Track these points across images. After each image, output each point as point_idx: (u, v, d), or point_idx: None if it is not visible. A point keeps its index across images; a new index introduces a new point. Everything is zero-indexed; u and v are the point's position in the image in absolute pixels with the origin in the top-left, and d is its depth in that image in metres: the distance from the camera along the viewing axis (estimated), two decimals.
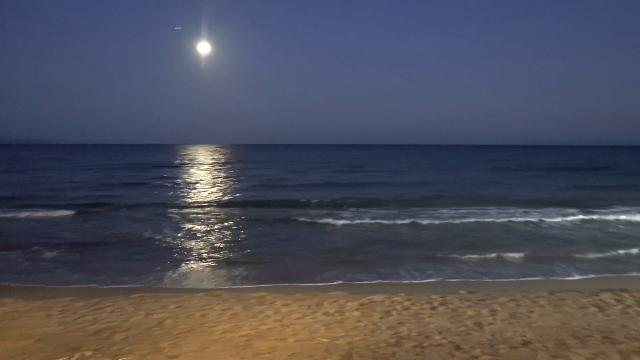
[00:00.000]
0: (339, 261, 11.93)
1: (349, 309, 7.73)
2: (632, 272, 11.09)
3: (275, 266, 11.53)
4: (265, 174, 41.27)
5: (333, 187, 29.72)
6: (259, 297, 8.57)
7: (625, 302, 8.13)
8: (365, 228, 16.21)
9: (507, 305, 7.91)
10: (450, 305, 7.96)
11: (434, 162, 65.39)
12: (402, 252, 12.75)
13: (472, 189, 28.74)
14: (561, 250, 13.10)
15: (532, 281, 10.34)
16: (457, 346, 5.93)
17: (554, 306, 7.86)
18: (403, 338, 6.25)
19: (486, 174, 42.54)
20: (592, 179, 37.47)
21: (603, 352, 5.70)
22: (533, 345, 5.94)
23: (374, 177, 37.29)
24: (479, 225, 16.72)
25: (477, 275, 10.81)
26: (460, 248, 13.21)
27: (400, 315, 7.38)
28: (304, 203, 22.01)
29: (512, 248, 13.24)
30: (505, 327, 6.77)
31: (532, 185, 32.03)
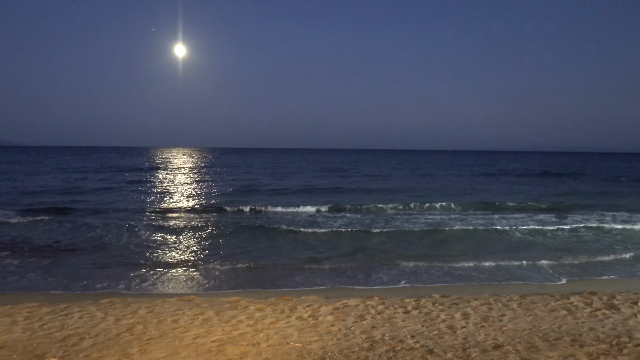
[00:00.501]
0: (314, 266, 11.90)
1: (322, 313, 7.70)
2: (601, 276, 11.32)
3: (249, 271, 11.43)
4: (241, 178, 40.98)
5: (311, 192, 29.62)
6: (232, 301, 8.47)
7: (594, 305, 8.28)
8: (342, 234, 16.20)
9: (479, 309, 7.98)
10: (423, 309, 8.00)
11: (413, 167, 65.79)
12: (377, 257, 12.78)
13: (451, 194, 28.99)
14: (533, 255, 13.29)
15: (505, 285, 10.46)
16: (430, 350, 5.94)
17: (525, 309, 7.95)
18: (376, 342, 6.24)
19: (464, 180, 43.01)
20: (566, 185, 38.24)
21: (572, 354, 5.79)
22: (504, 349, 5.99)
23: (353, 182, 37.28)
24: (459, 231, 16.88)
25: (451, 279, 10.91)
26: (437, 253, 13.32)
27: (374, 319, 7.38)
28: (281, 208, 21.92)
29: (487, 253, 13.41)
30: (477, 330, 6.83)
31: (511, 190, 32.51)
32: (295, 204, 22.67)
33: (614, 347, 6.05)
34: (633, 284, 10.43)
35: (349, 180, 40.40)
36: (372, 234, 16.02)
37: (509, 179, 44.93)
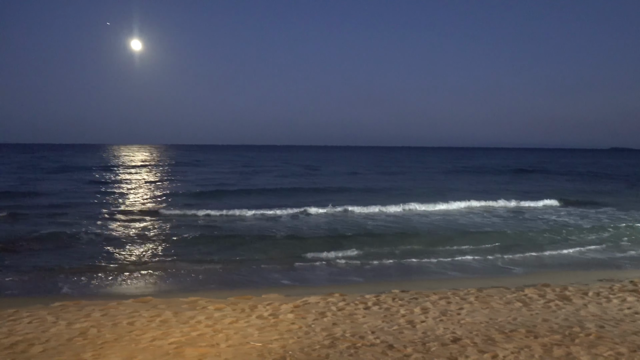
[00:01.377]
0: (274, 264, 11.81)
1: (283, 311, 7.64)
2: (554, 268, 11.70)
3: (209, 271, 11.22)
4: (205, 177, 40.30)
5: (278, 192, 29.24)
6: (190, 302, 8.30)
7: (547, 296, 8.53)
8: (304, 232, 16.15)
9: (438, 303, 8.10)
10: (383, 304, 8.05)
11: (386, 164, 66.39)
12: (338, 255, 12.76)
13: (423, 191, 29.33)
14: (488, 248, 13.61)
15: (463, 279, 10.67)
16: (390, 345, 5.98)
17: (482, 302, 8.12)
18: (337, 339, 6.23)
19: (434, 176, 43.64)
20: (524, 181, 39.38)
21: (527, 345, 5.93)
22: (462, 342, 6.09)
23: (323, 182, 37.01)
24: (421, 226, 17.11)
25: (411, 274, 11.05)
26: (399, 249, 13.46)
27: (334, 316, 7.37)
28: (243, 207, 21.67)
29: (447, 247, 13.64)
30: (436, 324, 6.91)
31: (482, 187, 33.21)
32: (262, 205, 22.34)
33: (567, 337, 6.23)
34: (584, 275, 10.81)
35: (322, 179, 40.05)
36: (334, 232, 16.03)
37: (472, 176, 45.91)
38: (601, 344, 5.95)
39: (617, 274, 10.76)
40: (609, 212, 21.11)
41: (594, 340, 6.10)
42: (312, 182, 34.82)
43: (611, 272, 11.16)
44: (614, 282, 9.76)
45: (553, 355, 5.59)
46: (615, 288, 9.11)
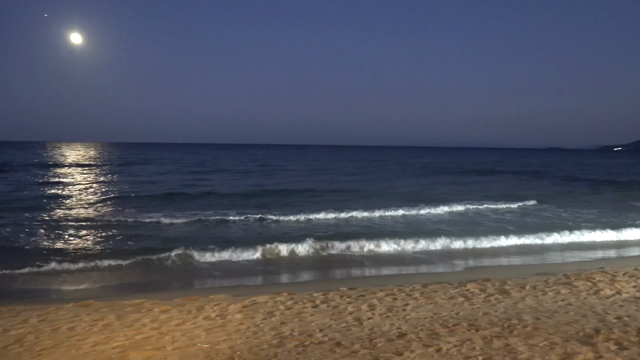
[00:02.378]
0: (222, 264, 11.67)
1: (231, 311, 7.58)
2: (493, 262, 12.18)
3: (153, 272, 10.97)
4: (140, 176, 39.23)
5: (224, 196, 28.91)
6: (135, 304, 8.09)
7: (487, 290, 8.87)
8: (249, 232, 16.04)
9: (384, 300, 8.25)
10: (331, 302, 8.13)
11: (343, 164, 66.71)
12: (284, 253, 12.77)
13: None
14: (432, 245, 14.00)
15: (408, 275, 10.93)
16: (338, 343, 6.05)
17: (427, 298, 8.34)
18: (285, 338, 6.25)
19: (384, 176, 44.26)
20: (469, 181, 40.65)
21: (469, 338, 6.15)
22: (408, 337, 6.24)
23: (277, 183, 36.77)
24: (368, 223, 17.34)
25: (359, 271, 11.21)
26: (346, 246, 13.61)
27: (283, 315, 7.38)
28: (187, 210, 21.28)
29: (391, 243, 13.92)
30: (382, 321, 7.05)
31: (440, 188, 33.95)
32: (201, 207, 21.99)
33: (506, 330, 6.51)
34: (522, 269, 11.30)
35: (270, 180, 39.80)
36: (275, 229, 16.03)
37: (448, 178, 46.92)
38: (537, 335, 6.24)
39: (552, 268, 11.32)
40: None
41: (530, 332, 6.40)
42: (271, 184, 34.48)
43: (547, 266, 11.73)
44: (549, 275, 10.25)
45: (493, 347, 5.82)
46: (550, 281, 9.58)
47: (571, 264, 12.05)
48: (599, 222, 18.16)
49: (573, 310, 7.46)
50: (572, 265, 11.84)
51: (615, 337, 6.15)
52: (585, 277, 9.79)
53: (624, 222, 18.12)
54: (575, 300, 8.07)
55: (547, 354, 5.55)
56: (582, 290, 8.74)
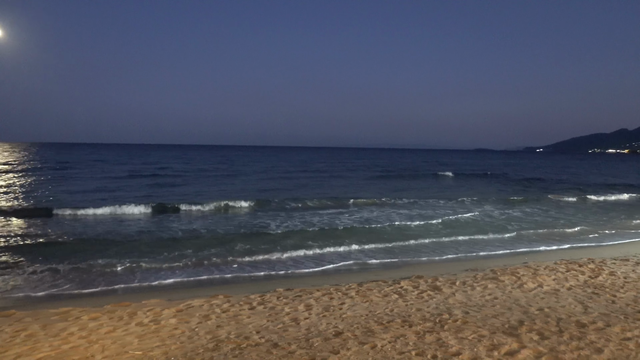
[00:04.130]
0: (153, 268, 11.34)
1: (165, 316, 7.39)
2: (423, 259, 12.57)
3: (80, 277, 10.49)
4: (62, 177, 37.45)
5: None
6: (61, 313, 7.70)
7: (420, 287, 9.15)
8: (177, 233, 15.70)
9: (321, 299, 8.33)
10: (268, 303, 8.11)
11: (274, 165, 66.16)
12: (214, 255, 12.57)
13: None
14: (364, 242, 14.27)
15: (345, 274, 11.07)
16: (275, 344, 6.05)
17: (362, 296, 8.50)
18: (222, 341, 6.17)
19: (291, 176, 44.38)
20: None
21: (403, 334, 6.33)
22: (344, 335, 6.34)
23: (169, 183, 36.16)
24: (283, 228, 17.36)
25: (292, 272, 11.23)
26: (271, 247, 13.60)
27: (219, 318, 7.28)
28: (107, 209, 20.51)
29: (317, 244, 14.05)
30: (319, 320, 7.12)
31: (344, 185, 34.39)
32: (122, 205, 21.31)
33: (437, 324, 6.75)
34: (453, 266, 11.73)
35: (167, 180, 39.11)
36: (201, 233, 15.80)
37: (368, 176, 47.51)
38: (466, 328, 6.52)
39: (480, 264, 11.83)
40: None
41: (460, 325, 6.68)
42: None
43: (475, 262, 12.25)
44: (477, 271, 10.72)
45: (425, 342, 6.03)
46: (478, 277, 10.01)
47: (498, 259, 12.64)
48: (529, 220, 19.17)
49: (499, 304, 7.85)
50: (499, 260, 12.43)
51: (537, 327, 6.54)
52: (510, 272, 10.31)
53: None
54: (501, 294, 8.49)
55: (475, 346, 5.81)
56: (507, 285, 9.20)
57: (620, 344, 5.87)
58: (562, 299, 8.14)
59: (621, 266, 10.81)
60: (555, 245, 14.71)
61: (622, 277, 9.73)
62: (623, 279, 9.51)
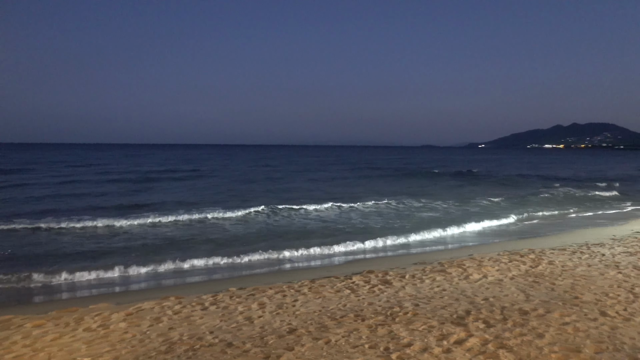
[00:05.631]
0: (100, 272, 10.99)
1: (114, 320, 7.20)
2: (375, 254, 12.81)
3: (22, 285, 10.03)
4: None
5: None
6: (2, 321, 7.36)
7: (371, 282, 9.32)
8: (122, 235, 15.31)
9: (274, 297, 8.35)
10: (221, 303, 8.05)
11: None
12: (163, 256, 12.35)
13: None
14: (307, 240, 14.38)
15: (297, 271, 11.14)
16: (229, 343, 6.03)
17: (315, 293, 8.58)
18: (174, 343, 6.09)
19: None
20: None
21: (356, 328, 6.45)
22: (298, 332, 6.39)
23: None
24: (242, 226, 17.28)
25: (246, 271, 11.20)
26: (223, 248, 13.50)
27: (170, 320, 7.17)
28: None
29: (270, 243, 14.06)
30: (273, 318, 7.14)
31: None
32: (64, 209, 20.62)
33: (389, 317, 6.92)
34: (402, 260, 12.01)
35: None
36: (150, 233, 15.49)
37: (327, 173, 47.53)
38: (417, 320, 6.72)
39: (428, 257, 12.18)
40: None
41: (411, 317, 6.87)
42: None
43: (424, 255, 12.59)
44: (426, 264, 11.02)
45: (377, 335, 6.17)
46: (427, 270, 10.30)
47: (445, 252, 13.05)
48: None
49: (447, 295, 8.12)
50: (446, 253, 12.83)
51: (483, 316, 6.82)
52: (457, 264, 10.66)
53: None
54: (449, 286, 8.78)
55: (425, 337, 6.00)
56: (454, 276, 9.52)
57: (559, 329, 6.21)
58: (505, 288, 8.51)
59: (559, 255, 11.39)
60: (498, 238, 15.34)
61: (560, 265, 10.26)
62: (561, 268, 10.03)
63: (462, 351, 5.54)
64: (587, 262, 10.56)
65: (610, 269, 9.81)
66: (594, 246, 12.68)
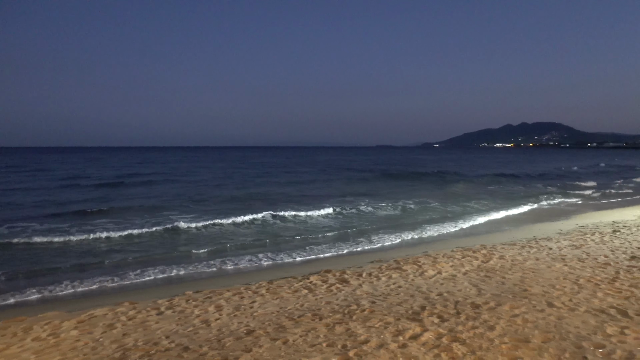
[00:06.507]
0: (49, 279, 10.63)
1: (65, 329, 6.97)
2: (327, 253, 12.90)
3: None
4: None
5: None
6: None
7: (329, 281, 9.39)
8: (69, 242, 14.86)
9: (232, 300, 8.29)
10: (177, 307, 7.93)
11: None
12: (114, 260, 12.06)
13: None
14: (262, 242, 14.36)
15: (254, 273, 11.08)
16: (186, 347, 5.95)
17: (273, 294, 8.57)
18: (129, 350, 5.96)
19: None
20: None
21: (314, 327, 6.49)
22: (256, 333, 6.37)
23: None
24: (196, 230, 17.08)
25: (202, 273, 11.06)
26: (176, 251, 13.31)
27: (125, 326, 7.01)
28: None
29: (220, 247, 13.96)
30: (230, 320, 7.09)
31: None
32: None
33: (346, 315, 6.99)
34: (359, 258, 12.14)
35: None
36: (104, 239, 15.10)
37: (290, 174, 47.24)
38: (373, 317, 6.82)
39: (384, 255, 12.36)
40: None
41: (367, 315, 6.97)
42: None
43: (380, 253, 12.77)
44: (382, 262, 11.18)
45: (335, 333, 6.23)
46: (383, 267, 10.45)
47: (401, 250, 13.28)
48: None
49: (403, 292, 8.27)
50: (402, 251, 13.06)
51: (437, 311, 6.99)
52: (412, 261, 10.87)
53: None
54: (404, 283, 8.94)
55: (382, 333, 6.11)
56: (410, 273, 9.71)
57: (509, 321, 6.44)
58: (458, 283, 8.74)
59: (509, 250, 11.79)
60: (453, 233, 15.75)
61: (510, 260, 10.62)
62: (511, 262, 10.39)
63: (418, 346, 5.67)
64: (536, 255, 10.97)
65: (556, 261, 10.22)
66: (542, 240, 13.18)
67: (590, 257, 10.59)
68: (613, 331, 5.99)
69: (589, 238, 13.15)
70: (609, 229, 14.70)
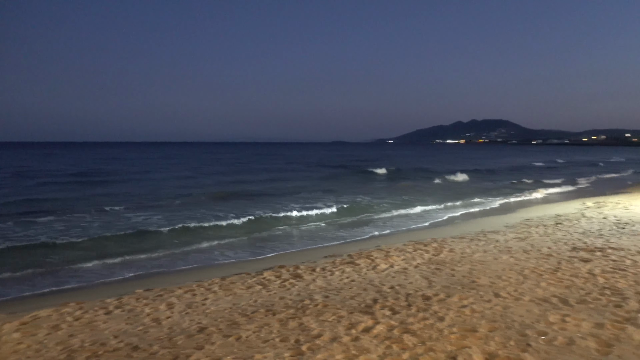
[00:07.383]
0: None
1: (6, 331, 6.67)
2: (281, 249, 12.90)
3: None
4: None
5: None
6: None
7: (283, 276, 9.38)
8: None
9: (183, 297, 8.15)
10: (126, 306, 7.73)
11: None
12: (61, 260, 11.65)
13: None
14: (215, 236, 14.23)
15: (207, 269, 10.95)
16: (135, 347, 5.81)
17: (226, 290, 8.48)
18: (75, 351, 5.77)
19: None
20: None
21: (267, 323, 6.47)
22: (208, 330, 6.30)
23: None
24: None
25: (151, 272, 10.84)
26: (129, 249, 13.00)
27: (71, 327, 6.77)
28: None
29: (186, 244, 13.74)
30: (182, 318, 6.97)
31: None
32: None
33: (299, 310, 7.01)
34: (313, 253, 12.19)
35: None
36: (49, 239, 14.59)
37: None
38: (327, 311, 6.86)
39: (338, 250, 12.45)
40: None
41: (321, 309, 7.00)
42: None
43: (333, 248, 12.87)
44: (336, 257, 11.26)
45: (288, 328, 6.23)
46: (337, 262, 10.53)
47: (354, 244, 13.42)
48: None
49: (356, 286, 8.36)
50: (355, 245, 13.19)
51: (389, 304, 7.10)
52: (365, 256, 11.00)
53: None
54: (357, 277, 9.04)
55: (335, 327, 6.15)
56: (363, 267, 9.82)
57: (458, 312, 6.62)
58: (410, 276, 8.91)
59: (459, 243, 12.11)
60: (405, 227, 16.05)
61: (459, 252, 10.91)
62: (460, 254, 10.67)
63: (370, 338, 5.74)
64: (484, 248, 11.32)
65: (503, 253, 10.58)
66: (489, 233, 13.60)
67: (534, 248, 11.01)
68: (555, 319, 6.24)
69: (533, 230, 13.66)
70: (552, 221, 15.33)
